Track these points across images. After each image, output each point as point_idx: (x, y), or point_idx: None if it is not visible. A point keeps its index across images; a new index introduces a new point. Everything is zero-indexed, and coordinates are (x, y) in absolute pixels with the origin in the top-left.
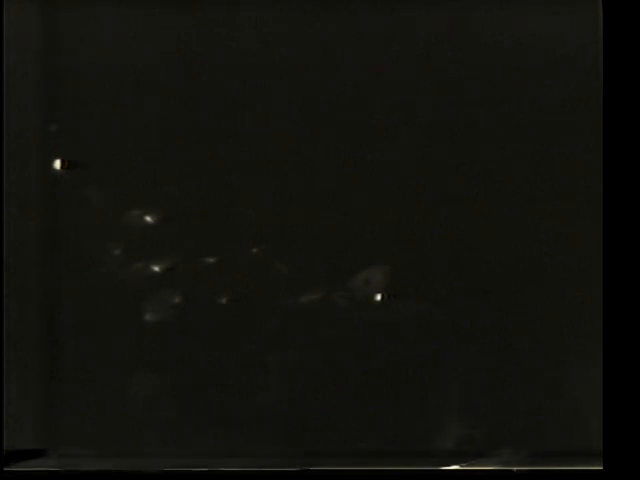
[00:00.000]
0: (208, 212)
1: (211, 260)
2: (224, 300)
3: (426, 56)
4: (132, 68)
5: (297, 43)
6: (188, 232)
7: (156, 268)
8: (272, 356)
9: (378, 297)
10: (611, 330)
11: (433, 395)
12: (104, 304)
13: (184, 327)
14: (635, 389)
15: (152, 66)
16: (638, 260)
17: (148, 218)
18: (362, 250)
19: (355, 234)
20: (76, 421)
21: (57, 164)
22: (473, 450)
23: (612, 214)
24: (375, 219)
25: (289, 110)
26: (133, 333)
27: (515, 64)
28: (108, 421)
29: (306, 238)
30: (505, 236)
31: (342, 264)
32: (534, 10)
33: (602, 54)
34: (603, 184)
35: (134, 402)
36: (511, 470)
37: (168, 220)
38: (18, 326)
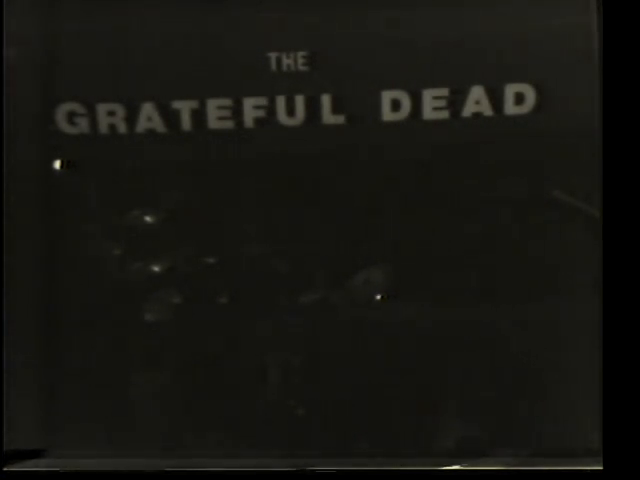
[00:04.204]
0: (208, 212)
1: (211, 260)
2: (224, 300)
3: None
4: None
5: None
6: (188, 232)
7: (156, 268)
8: (272, 356)
9: (378, 297)
10: (611, 330)
11: (433, 395)
12: (104, 304)
13: (184, 327)
14: (635, 389)
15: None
16: (638, 260)
17: (148, 218)
18: (362, 250)
19: (355, 234)
20: (76, 421)
21: (57, 164)
22: (473, 450)
23: (612, 215)
24: (375, 219)
25: (289, 107)
26: (133, 333)
27: None
28: (107, 421)
29: (306, 238)
30: (505, 236)
31: (342, 264)
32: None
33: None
34: (603, 184)
35: (133, 401)
36: (511, 470)
37: (168, 220)
38: (18, 326)
